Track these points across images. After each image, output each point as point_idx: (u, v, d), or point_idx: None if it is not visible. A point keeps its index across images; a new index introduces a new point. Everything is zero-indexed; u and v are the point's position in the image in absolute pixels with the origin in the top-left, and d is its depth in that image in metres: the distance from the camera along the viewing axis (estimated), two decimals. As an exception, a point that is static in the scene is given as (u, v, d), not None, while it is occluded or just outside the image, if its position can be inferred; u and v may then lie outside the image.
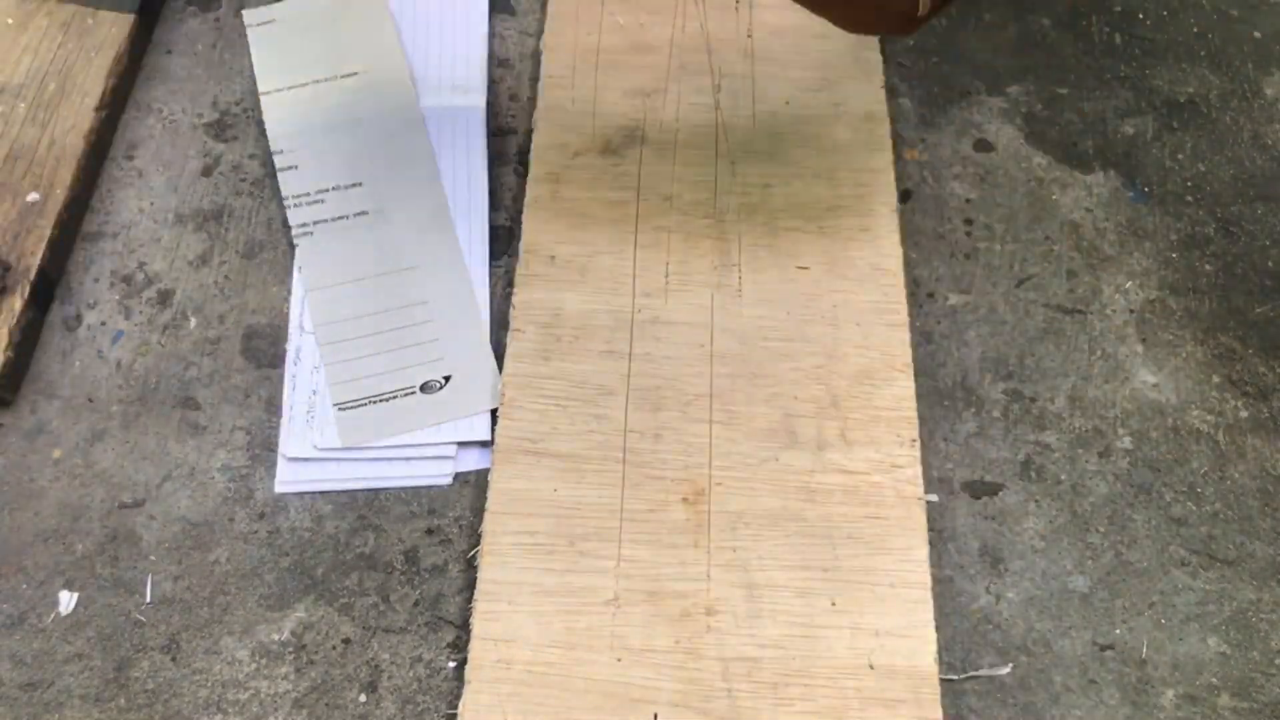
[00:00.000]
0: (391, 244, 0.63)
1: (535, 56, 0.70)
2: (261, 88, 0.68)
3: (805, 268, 0.61)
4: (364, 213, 0.64)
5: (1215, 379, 0.61)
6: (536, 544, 0.53)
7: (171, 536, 0.55)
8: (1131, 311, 0.63)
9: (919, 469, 0.55)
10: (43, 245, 0.60)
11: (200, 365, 0.60)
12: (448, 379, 0.59)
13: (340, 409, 0.58)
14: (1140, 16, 0.74)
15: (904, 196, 0.65)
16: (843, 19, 0.50)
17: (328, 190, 0.64)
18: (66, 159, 0.63)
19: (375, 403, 0.58)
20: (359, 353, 0.59)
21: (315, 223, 0.63)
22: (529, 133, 0.66)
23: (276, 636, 0.53)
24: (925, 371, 0.60)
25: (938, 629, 0.51)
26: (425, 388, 0.58)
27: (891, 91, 0.69)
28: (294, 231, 0.63)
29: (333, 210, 0.64)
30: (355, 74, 0.68)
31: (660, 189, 0.63)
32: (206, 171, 0.67)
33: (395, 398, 0.58)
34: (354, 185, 0.64)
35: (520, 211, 0.63)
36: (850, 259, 0.61)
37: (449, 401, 0.58)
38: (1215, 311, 0.63)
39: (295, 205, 0.64)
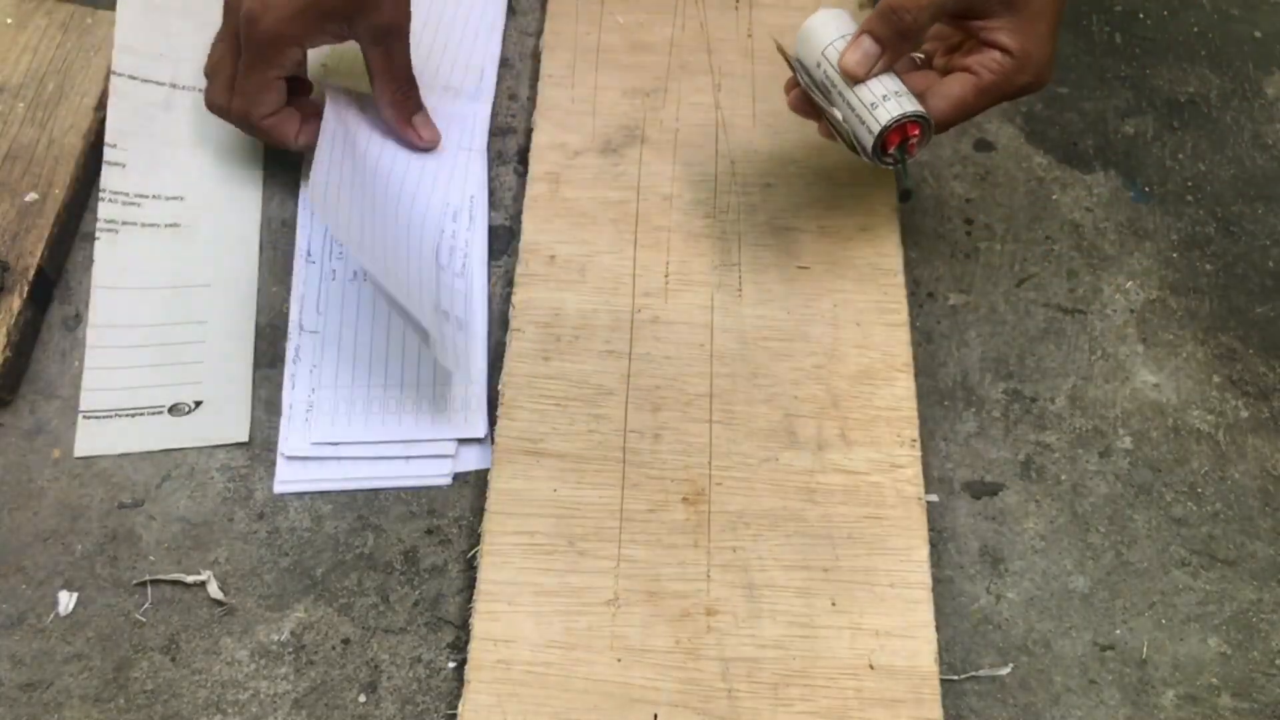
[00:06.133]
0: (193, 259, 0.62)
1: (535, 56, 0.70)
2: (116, 67, 0.65)
3: (805, 267, 0.61)
4: (175, 225, 0.63)
5: (1216, 379, 0.60)
6: (536, 544, 0.53)
7: (171, 536, 0.55)
8: (1132, 311, 0.63)
9: (919, 469, 0.55)
10: (41, 245, 0.60)
11: (199, 365, 0.60)
12: (199, 404, 0.58)
13: (85, 416, 0.57)
14: (1140, 16, 0.74)
15: (904, 196, 0.65)
16: None
17: (148, 197, 0.63)
18: (65, 159, 0.63)
19: (120, 416, 0.57)
20: (123, 362, 0.59)
21: (123, 223, 0.62)
22: (529, 132, 0.66)
23: (276, 637, 0.53)
24: (925, 371, 0.60)
25: (938, 629, 0.51)
26: (174, 409, 0.58)
27: (891, 91, 0.69)
28: (99, 224, 0.62)
29: (146, 216, 0.63)
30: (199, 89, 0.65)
31: (660, 189, 0.63)
32: (206, 171, 0.67)
33: (141, 415, 0.58)
34: (175, 198, 0.64)
35: (520, 211, 0.63)
36: (850, 259, 0.61)
37: (195, 427, 0.57)
38: (1215, 311, 0.63)
39: (110, 201, 0.63)
